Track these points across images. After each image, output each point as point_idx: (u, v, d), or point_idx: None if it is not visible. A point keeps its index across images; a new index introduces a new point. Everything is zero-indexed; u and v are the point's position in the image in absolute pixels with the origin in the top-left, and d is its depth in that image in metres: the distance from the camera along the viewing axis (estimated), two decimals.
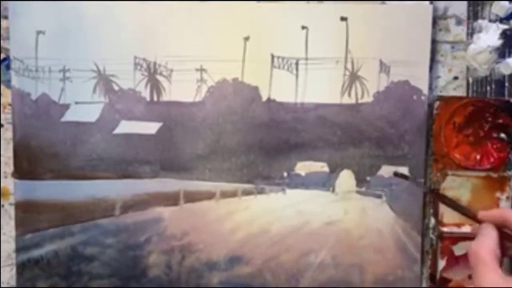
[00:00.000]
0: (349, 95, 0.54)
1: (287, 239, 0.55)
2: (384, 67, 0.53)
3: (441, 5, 0.53)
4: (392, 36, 0.53)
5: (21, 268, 0.55)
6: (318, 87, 0.54)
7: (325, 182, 0.55)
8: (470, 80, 0.54)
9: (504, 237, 0.44)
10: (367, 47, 0.53)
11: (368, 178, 0.54)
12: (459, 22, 0.54)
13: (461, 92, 0.54)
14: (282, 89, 0.54)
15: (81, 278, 0.55)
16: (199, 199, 0.55)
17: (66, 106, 0.54)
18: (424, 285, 0.54)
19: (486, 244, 0.42)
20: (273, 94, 0.54)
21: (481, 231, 0.44)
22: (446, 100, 0.53)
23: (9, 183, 0.55)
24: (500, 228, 0.44)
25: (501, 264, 0.41)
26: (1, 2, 0.54)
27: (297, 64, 0.54)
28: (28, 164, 0.54)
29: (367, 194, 0.54)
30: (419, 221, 0.54)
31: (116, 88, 0.54)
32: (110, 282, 0.55)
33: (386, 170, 0.54)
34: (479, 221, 0.46)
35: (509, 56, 0.53)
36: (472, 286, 0.38)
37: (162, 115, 0.54)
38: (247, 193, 0.55)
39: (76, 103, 0.54)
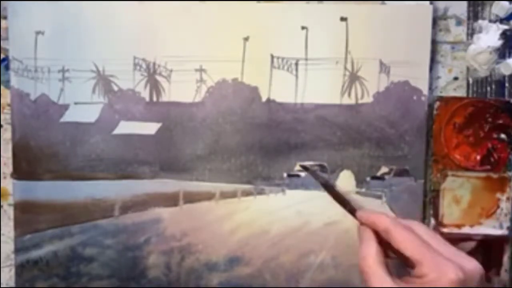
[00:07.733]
0: (349, 95, 0.54)
1: (287, 239, 0.55)
2: (384, 68, 0.53)
3: (441, 5, 0.53)
4: (392, 36, 0.53)
5: (20, 269, 0.55)
6: (318, 88, 0.54)
7: None
8: (470, 80, 0.54)
9: (381, 239, 0.41)
10: (367, 47, 0.53)
11: (368, 179, 0.54)
12: (459, 22, 0.54)
13: (461, 93, 0.54)
14: (282, 90, 0.54)
15: (80, 279, 0.55)
16: (199, 199, 0.55)
17: (65, 107, 0.54)
18: None
19: (370, 251, 0.40)
20: (273, 94, 0.54)
21: (361, 235, 0.42)
22: (446, 101, 0.53)
23: (8, 184, 0.55)
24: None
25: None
26: (0, 2, 0.53)
27: (296, 64, 0.54)
28: (27, 165, 0.54)
29: (367, 195, 0.54)
30: (419, 221, 0.54)
31: (115, 88, 0.54)
32: (110, 283, 0.55)
33: (386, 171, 0.54)
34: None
35: (509, 56, 0.53)
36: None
37: (161, 116, 0.54)
38: (246, 193, 0.55)
39: (76, 103, 0.54)
